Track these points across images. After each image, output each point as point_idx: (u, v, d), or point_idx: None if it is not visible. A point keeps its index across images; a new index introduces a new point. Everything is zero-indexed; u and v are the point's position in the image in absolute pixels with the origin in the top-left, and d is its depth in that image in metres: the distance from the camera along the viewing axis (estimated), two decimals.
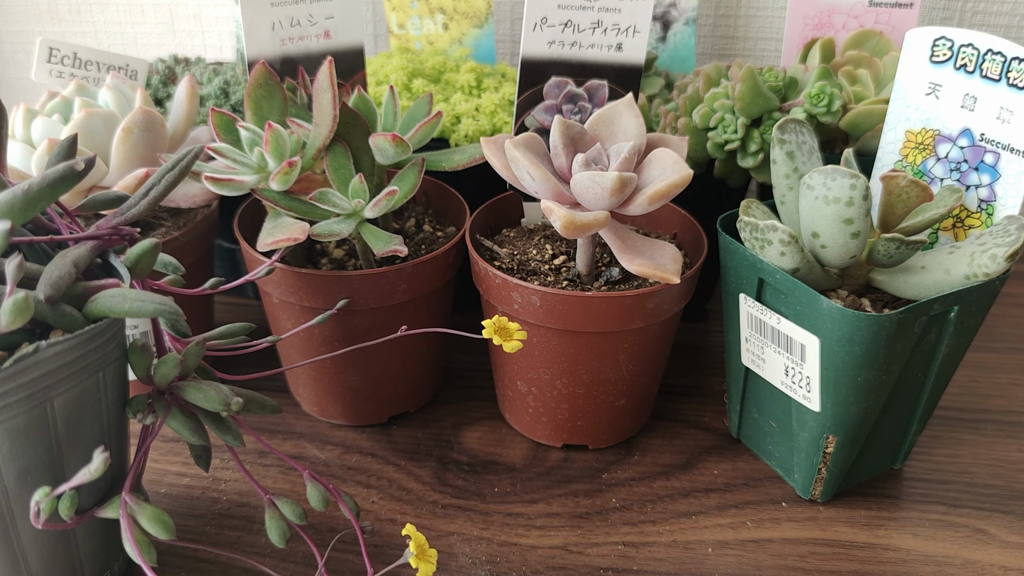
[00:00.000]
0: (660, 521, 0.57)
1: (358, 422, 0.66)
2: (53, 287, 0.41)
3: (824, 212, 0.50)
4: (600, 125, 0.57)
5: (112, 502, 0.45)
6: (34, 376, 0.40)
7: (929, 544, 0.55)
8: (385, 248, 0.54)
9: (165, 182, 0.48)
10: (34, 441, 0.42)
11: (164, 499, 0.58)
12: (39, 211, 0.44)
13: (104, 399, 0.45)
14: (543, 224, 0.66)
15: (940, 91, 0.54)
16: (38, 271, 0.42)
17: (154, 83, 0.79)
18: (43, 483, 0.42)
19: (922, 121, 0.55)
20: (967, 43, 0.52)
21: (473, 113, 0.73)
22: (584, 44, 0.61)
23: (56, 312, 0.41)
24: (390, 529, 0.56)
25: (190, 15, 1.00)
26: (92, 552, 0.48)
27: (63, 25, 1.04)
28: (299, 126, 0.60)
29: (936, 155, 0.55)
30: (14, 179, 0.57)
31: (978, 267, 0.49)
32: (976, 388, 0.70)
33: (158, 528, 0.43)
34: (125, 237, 0.46)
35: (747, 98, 0.63)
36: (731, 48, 0.92)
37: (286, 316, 0.61)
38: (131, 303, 0.42)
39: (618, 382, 0.60)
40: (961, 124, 0.53)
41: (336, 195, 0.57)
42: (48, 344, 0.40)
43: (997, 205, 0.53)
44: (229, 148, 0.57)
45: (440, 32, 0.83)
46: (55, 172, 0.43)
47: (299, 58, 0.68)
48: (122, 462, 0.50)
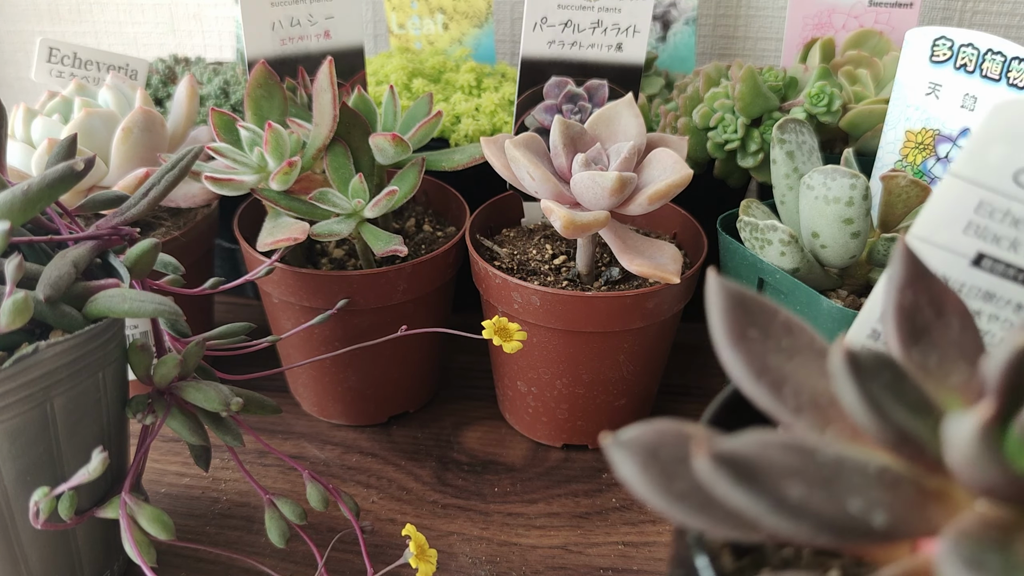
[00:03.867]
0: (660, 521, 0.57)
1: (358, 422, 0.66)
2: (53, 287, 0.41)
3: (824, 212, 0.50)
4: (600, 125, 0.57)
5: (112, 502, 0.45)
6: (34, 376, 0.40)
7: None
8: (385, 248, 0.54)
9: (165, 182, 0.48)
10: (34, 441, 0.42)
11: (164, 499, 0.58)
12: (39, 211, 0.44)
13: (104, 399, 0.45)
14: (543, 224, 0.66)
15: (940, 91, 0.54)
16: (38, 271, 0.42)
17: (154, 83, 0.79)
18: (43, 483, 0.42)
19: (922, 121, 0.55)
20: (967, 43, 0.52)
21: (473, 113, 0.73)
22: (584, 44, 0.61)
23: (56, 312, 0.41)
24: (390, 529, 0.56)
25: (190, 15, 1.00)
26: (92, 552, 0.48)
27: (63, 25, 1.04)
28: (299, 126, 0.60)
29: (936, 155, 0.55)
30: (14, 179, 0.57)
31: None
32: None
33: (158, 528, 0.43)
34: (125, 237, 0.46)
35: (747, 98, 0.63)
36: (731, 48, 0.92)
37: (286, 316, 0.61)
38: (130, 303, 0.42)
39: (618, 382, 0.60)
40: (961, 124, 0.53)
41: (336, 195, 0.57)
42: (48, 344, 0.40)
43: None
44: (229, 148, 0.57)
45: (440, 32, 0.83)
46: (54, 172, 0.43)
47: (299, 58, 0.68)
48: (122, 462, 0.50)
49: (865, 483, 0.25)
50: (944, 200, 0.37)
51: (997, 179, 0.36)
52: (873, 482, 0.25)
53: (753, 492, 0.23)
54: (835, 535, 0.23)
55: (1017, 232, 0.37)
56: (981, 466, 0.23)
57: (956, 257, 0.33)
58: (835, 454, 0.26)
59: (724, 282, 0.30)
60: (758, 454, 0.24)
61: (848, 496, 0.24)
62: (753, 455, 0.24)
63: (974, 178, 0.36)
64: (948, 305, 0.31)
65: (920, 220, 0.37)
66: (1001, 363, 0.25)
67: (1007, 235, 0.37)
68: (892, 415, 0.25)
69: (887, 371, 0.26)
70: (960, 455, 0.23)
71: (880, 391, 0.25)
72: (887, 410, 0.25)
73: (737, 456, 0.24)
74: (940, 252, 0.38)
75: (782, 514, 0.23)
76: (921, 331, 0.30)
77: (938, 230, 0.38)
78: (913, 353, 0.30)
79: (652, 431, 0.26)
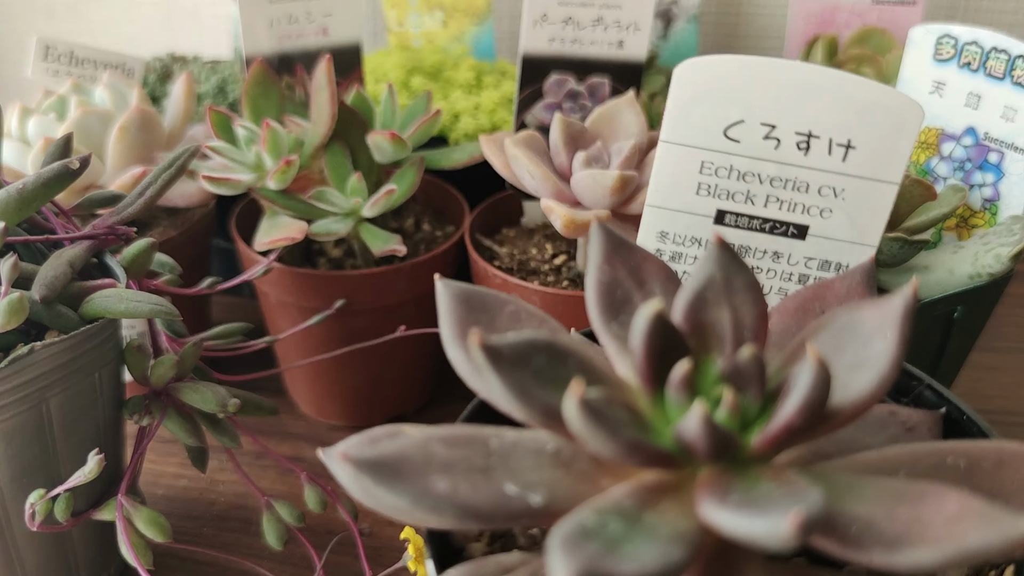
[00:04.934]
0: None
1: (356, 423, 0.65)
2: (49, 287, 0.40)
3: None
4: (601, 123, 0.56)
5: (108, 504, 0.44)
6: (29, 377, 0.40)
7: None
8: (383, 247, 0.54)
9: (161, 181, 0.48)
10: (30, 442, 0.42)
11: (161, 501, 0.58)
12: (34, 210, 0.43)
13: (100, 400, 0.45)
14: (543, 223, 0.66)
15: (944, 89, 0.54)
16: (33, 271, 0.42)
17: (151, 81, 0.78)
18: (39, 485, 0.42)
19: (927, 119, 0.55)
20: (971, 41, 0.52)
21: (473, 111, 0.72)
22: (585, 41, 0.60)
23: (51, 313, 0.41)
24: (388, 532, 0.56)
25: (187, 13, 1.00)
26: (88, 554, 0.48)
27: (59, 23, 1.03)
28: (296, 124, 0.59)
29: (940, 154, 0.55)
30: (9, 178, 0.57)
31: (982, 267, 0.49)
32: (980, 389, 0.70)
33: (154, 530, 0.43)
34: (121, 236, 0.46)
35: None
36: (733, 46, 0.92)
37: (283, 316, 0.61)
38: (127, 304, 0.42)
39: None
40: (965, 123, 0.53)
41: (334, 194, 0.57)
42: (43, 345, 0.40)
43: (1001, 204, 0.52)
44: (226, 146, 0.57)
45: (439, 29, 0.83)
46: (50, 171, 0.43)
47: (297, 55, 0.67)
48: (118, 464, 0.49)
49: (535, 465, 0.26)
50: (667, 167, 0.38)
51: (708, 138, 0.37)
52: (545, 463, 0.26)
53: (395, 490, 0.24)
54: (482, 520, 0.24)
55: (747, 185, 0.38)
56: (591, 438, 0.23)
57: (699, 218, 0.33)
58: (512, 440, 0.27)
59: (449, 282, 0.32)
60: (405, 454, 0.25)
61: (507, 481, 0.25)
62: (398, 456, 0.25)
63: (686, 141, 0.37)
64: (649, 273, 0.32)
65: (650, 189, 0.38)
66: (640, 335, 0.25)
67: (739, 189, 0.38)
68: (541, 397, 0.25)
69: (542, 355, 0.26)
70: (574, 430, 0.24)
71: (530, 376, 0.26)
72: (534, 393, 0.25)
73: (382, 459, 0.25)
74: (682, 216, 0.39)
75: (424, 507, 0.24)
76: (621, 304, 0.31)
77: (671, 196, 0.39)
78: (613, 327, 0.30)
79: (367, 438, 0.27)
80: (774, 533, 0.20)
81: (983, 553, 0.21)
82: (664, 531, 0.23)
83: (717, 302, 0.28)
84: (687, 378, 0.25)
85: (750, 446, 0.25)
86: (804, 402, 0.24)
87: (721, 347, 0.28)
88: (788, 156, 0.37)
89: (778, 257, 0.39)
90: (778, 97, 0.36)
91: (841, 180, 0.37)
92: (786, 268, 0.39)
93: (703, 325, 0.28)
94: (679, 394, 0.26)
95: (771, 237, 0.39)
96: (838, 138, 0.37)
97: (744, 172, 0.37)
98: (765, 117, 0.37)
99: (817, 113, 0.36)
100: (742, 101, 0.36)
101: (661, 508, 0.24)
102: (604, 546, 0.22)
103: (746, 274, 0.28)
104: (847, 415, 0.26)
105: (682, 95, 0.37)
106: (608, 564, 0.21)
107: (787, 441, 0.25)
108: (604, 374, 0.28)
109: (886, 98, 0.36)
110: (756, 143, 0.37)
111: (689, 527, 0.23)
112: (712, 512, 0.22)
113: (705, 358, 0.27)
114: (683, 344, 0.27)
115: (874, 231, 0.38)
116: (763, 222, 0.38)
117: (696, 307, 0.28)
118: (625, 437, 0.23)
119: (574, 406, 0.23)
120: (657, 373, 0.26)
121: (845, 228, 0.38)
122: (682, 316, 0.28)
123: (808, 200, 0.38)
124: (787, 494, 0.22)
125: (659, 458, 0.25)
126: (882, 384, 0.25)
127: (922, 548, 0.21)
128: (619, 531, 0.23)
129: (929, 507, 0.23)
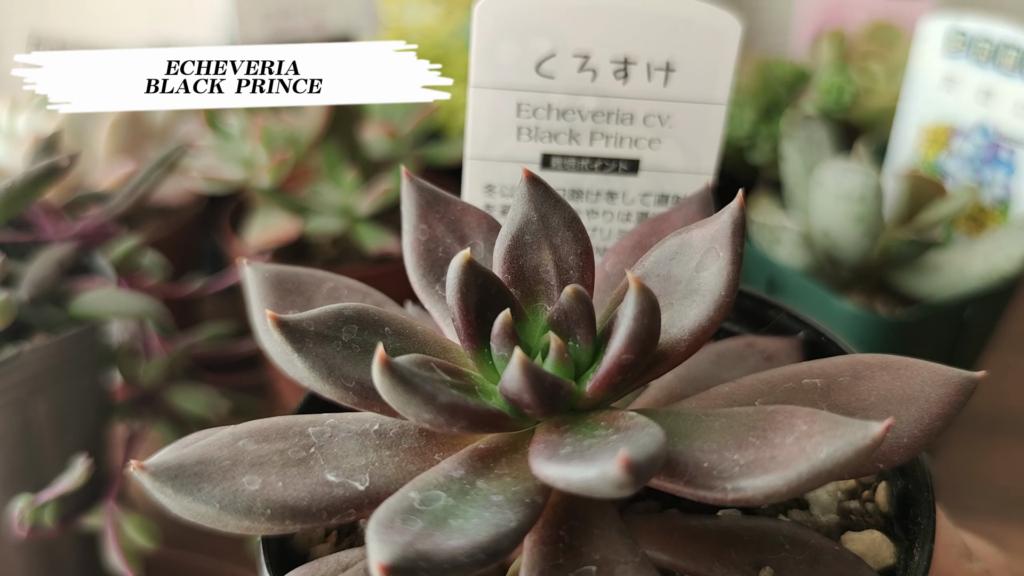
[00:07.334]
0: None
1: None
2: (37, 287, 0.39)
3: (836, 209, 0.48)
4: None
5: (97, 509, 0.43)
6: (16, 380, 0.39)
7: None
8: (378, 246, 0.53)
9: (152, 179, 0.47)
10: (17, 447, 0.41)
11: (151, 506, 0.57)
12: (22, 208, 0.42)
13: (89, 404, 0.44)
14: None
15: (954, 85, 0.53)
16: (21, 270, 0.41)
17: None
18: (26, 490, 0.41)
19: (936, 116, 0.54)
20: (981, 35, 0.51)
21: None
22: None
23: (39, 314, 0.40)
24: None
25: (181, 5, 0.98)
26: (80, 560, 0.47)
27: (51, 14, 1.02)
28: (290, 120, 0.58)
29: (950, 150, 0.54)
30: None
31: (993, 266, 0.48)
32: (992, 390, 0.69)
33: (144, 536, 0.42)
34: (111, 235, 0.45)
35: (756, 92, 0.61)
36: None
37: None
38: (116, 304, 0.41)
39: None
40: (975, 119, 0.52)
41: (328, 191, 0.55)
42: (31, 348, 0.39)
43: (1012, 202, 0.51)
44: (218, 143, 0.55)
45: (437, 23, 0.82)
46: (38, 169, 0.42)
47: None
48: (108, 468, 0.48)
49: (359, 448, 0.24)
50: (481, 113, 0.35)
51: (521, 76, 0.34)
52: (370, 445, 0.24)
53: (199, 495, 0.23)
54: (301, 517, 0.22)
55: (569, 123, 0.35)
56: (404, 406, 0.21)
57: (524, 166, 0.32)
58: (332, 425, 0.25)
59: (259, 265, 0.29)
60: (209, 456, 0.24)
61: (327, 470, 0.23)
62: (201, 458, 0.23)
63: (498, 84, 0.35)
64: (470, 226, 0.29)
65: (468, 140, 0.35)
66: (453, 289, 0.24)
67: (561, 128, 0.35)
68: (350, 373, 0.23)
69: (352, 326, 0.24)
70: (388, 400, 0.21)
71: (338, 351, 0.24)
72: (343, 369, 0.23)
73: (182, 464, 0.23)
74: (507, 166, 0.36)
75: (233, 511, 0.22)
76: (444, 263, 0.28)
77: (491, 145, 0.36)
78: (437, 288, 0.28)
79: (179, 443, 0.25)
80: (605, 479, 0.18)
81: (837, 466, 0.19)
82: (498, 497, 0.21)
83: (537, 245, 0.25)
84: (508, 329, 0.23)
85: (584, 393, 0.23)
86: (631, 335, 0.21)
87: (548, 293, 0.25)
88: (607, 87, 0.34)
89: (612, 197, 0.36)
90: (588, 23, 0.33)
91: (666, 107, 0.34)
92: (622, 208, 0.36)
93: (525, 271, 0.25)
94: (504, 348, 0.23)
95: (602, 176, 0.36)
96: (656, 61, 0.34)
97: (564, 110, 0.34)
98: (578, 47, 0.33)
99: (632, 37, 0.33)
100: (551, 32, 0.33)
101: (496, 473, 0.22)
102: (429, 524, 0.20)
103: (564, 210, 0.26)
104: (687, 345, 0.23)
105: (486, 33, 0.34)
106: (431, 543, 0.19)
107: (623, 382, 0.23)
108: (428, 340, 0.26)
109: (700, 15, 0.32)
110: (572, 76, 0.34)
111: (526, 488, 0.21)
112: (542, 466, 0.20)
113: (533, 306, 0.25)
114: (505, 294, 0.24)
115: (708, 157, 0.35)
116: (591, 161, 0.35)
117: (514, 253, 0.26)
118: (442, 401, 0.21)
119: (378, 373, 0.20)
120: (478, 329, 0.24)
121: (677, 157, 0.35)
122: (501, 265, 0.25)
123: (635, 132, 0.35)
124: (622, 439, 0.20)
125: (489, 420, 0.22)
126: (719, 308, 0.23)
127: (774, 473, 0.20)
128: (448, 505, 0.21)
129: (780, 430, 0.21)
